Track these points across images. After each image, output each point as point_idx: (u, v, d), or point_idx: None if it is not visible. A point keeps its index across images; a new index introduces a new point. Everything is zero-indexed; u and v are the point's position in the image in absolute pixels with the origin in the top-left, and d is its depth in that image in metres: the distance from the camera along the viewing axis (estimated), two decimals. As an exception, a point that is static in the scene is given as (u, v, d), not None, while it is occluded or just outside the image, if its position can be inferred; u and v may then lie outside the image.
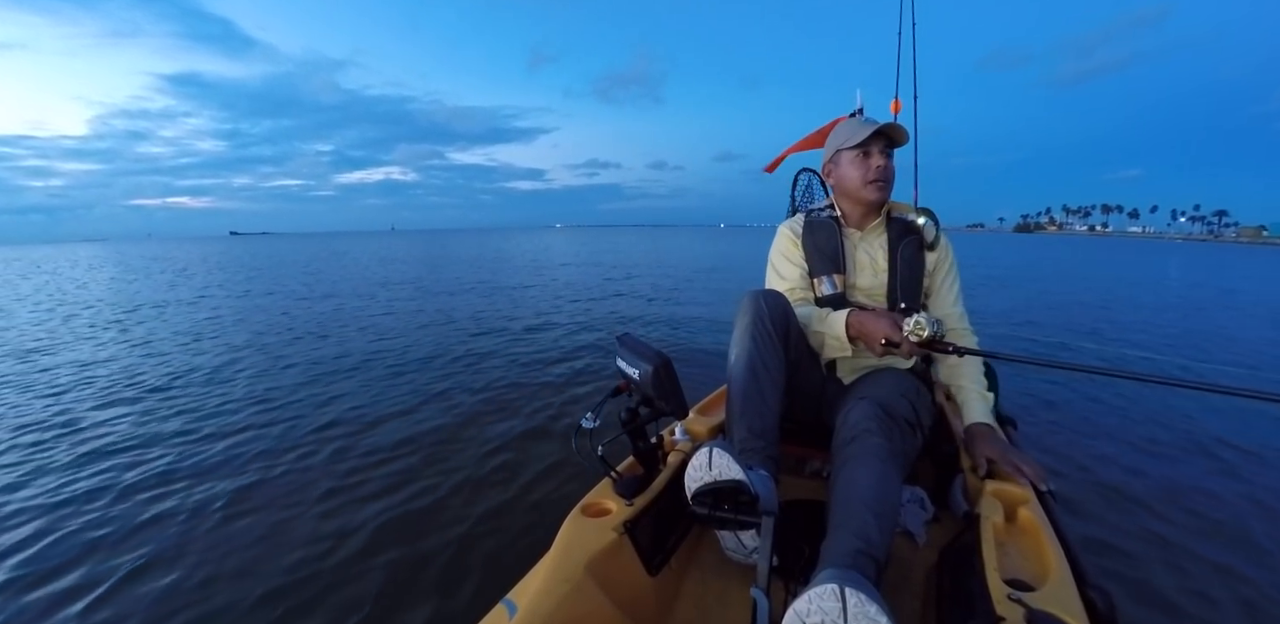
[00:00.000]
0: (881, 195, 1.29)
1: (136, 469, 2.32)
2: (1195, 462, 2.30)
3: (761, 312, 1.15)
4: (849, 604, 0.63)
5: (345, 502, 2.01)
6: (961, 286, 1.36)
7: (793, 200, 2.06)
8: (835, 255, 1.33)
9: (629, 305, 7.02)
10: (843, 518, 0.89)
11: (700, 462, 0.93)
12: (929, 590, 1.02)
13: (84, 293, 10.19)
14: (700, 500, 0.94)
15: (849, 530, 0.87)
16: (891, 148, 1.29)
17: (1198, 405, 2.98)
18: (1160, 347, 4.66)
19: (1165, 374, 0.93)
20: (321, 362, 4.19)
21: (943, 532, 1.17)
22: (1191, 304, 7.68)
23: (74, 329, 6.01)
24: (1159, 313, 6.72)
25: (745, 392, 1.12)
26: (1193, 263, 18.97)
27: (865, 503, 0.90)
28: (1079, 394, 3.17)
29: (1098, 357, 4.18)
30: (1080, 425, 2.69)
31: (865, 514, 0.88)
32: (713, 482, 0.92)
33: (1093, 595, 0.77)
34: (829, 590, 0.65)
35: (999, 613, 0.72)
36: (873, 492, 0.91)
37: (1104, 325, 5.67)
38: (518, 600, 0.83)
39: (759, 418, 1.10)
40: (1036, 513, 0.98)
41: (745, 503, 0.92)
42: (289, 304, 7.69)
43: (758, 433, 1.10)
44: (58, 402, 3.32)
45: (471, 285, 9.79)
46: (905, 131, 1.27)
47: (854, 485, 0.93)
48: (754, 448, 1.08)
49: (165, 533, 1.83)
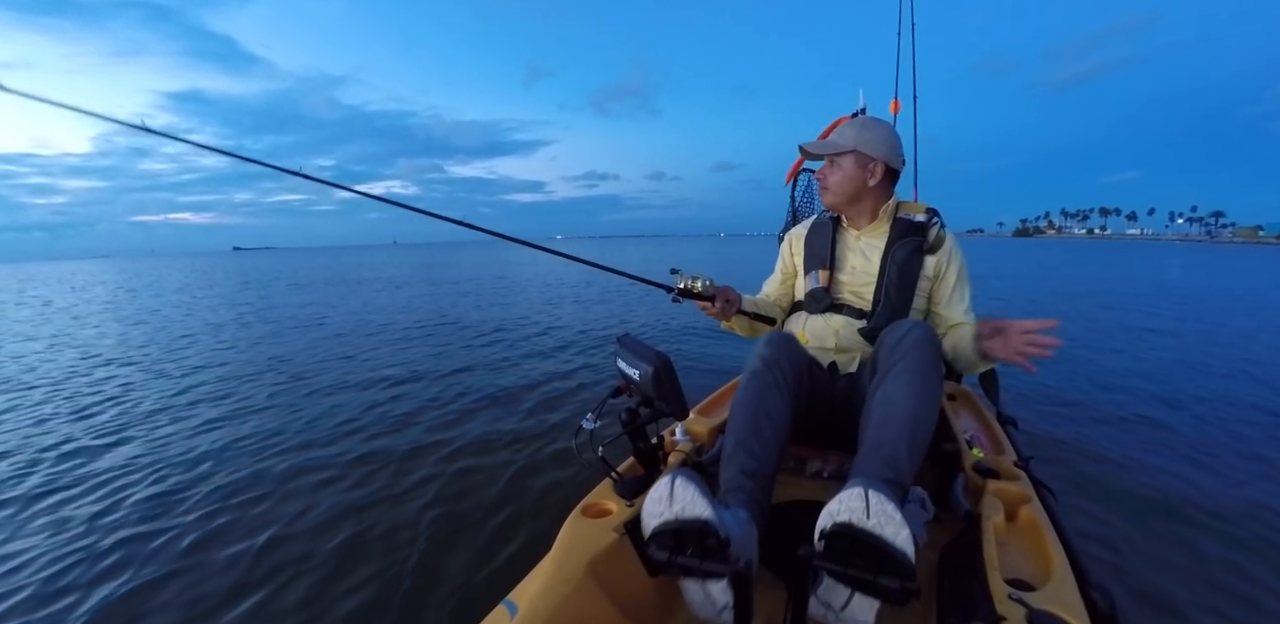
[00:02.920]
0: (828, 199, 1.38)
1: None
2: (1197, 461, 2.30)
3: (773, 358, 1.14)
4: (871, 503, 0.72)
5: (344, 501, 2.00)
6: (973, 291, 1.35)
7: (793, 201, 2.06)
8: (825, 253, 1.39)
9: (633, 306, 7.02)
10: (877, 442, 0.93)
11: (660, 493, 0.79)
12: (929, 591, 1.01)
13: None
14: (660, 541, 0.79)
15: (879, 458, 0.91)
16: (833, 159, 1.34)
17: (1198, 404, 2.98)
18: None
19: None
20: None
21: (943, 532, 1.17)
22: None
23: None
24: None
25: (741, 434, 1.05)
26: (1192, 264, 18.94)
27: (900, 428, 0.93)
28: (1079, 393, 3.17)
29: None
30: (1081, 425, 2.69)
31: (899, 441, 0.92)
32: (673, 520, 0.78)
33: (1094, 595, 0.77)
34: (856, 493, 0.73)
35: (1000, 613, 0.72)
36: (911, 412, 0.94)
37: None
38: (518, 601, 0.82)
39: (753, 459, 1.01)
40: (1037, 512, 0.98)
41: (713, 548, 0.77)
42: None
43: (749, 473, 0.99)
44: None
45: (486, 290, 9.80)
46: (821, 142, 1.35)
47: (893, 406, 0.95)
48: (741, 487, 0.97)
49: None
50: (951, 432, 1.35)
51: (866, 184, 1.32)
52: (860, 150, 1.30)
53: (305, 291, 11.10)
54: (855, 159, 1.31)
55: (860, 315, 1.33)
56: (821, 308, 1.36)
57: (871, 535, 0.72)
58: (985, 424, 1.51)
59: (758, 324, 1.48)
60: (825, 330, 1.35)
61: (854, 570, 0.72)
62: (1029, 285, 10.10)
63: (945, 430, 1.38)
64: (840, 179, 1.33)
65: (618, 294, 8.67)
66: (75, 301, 10.93)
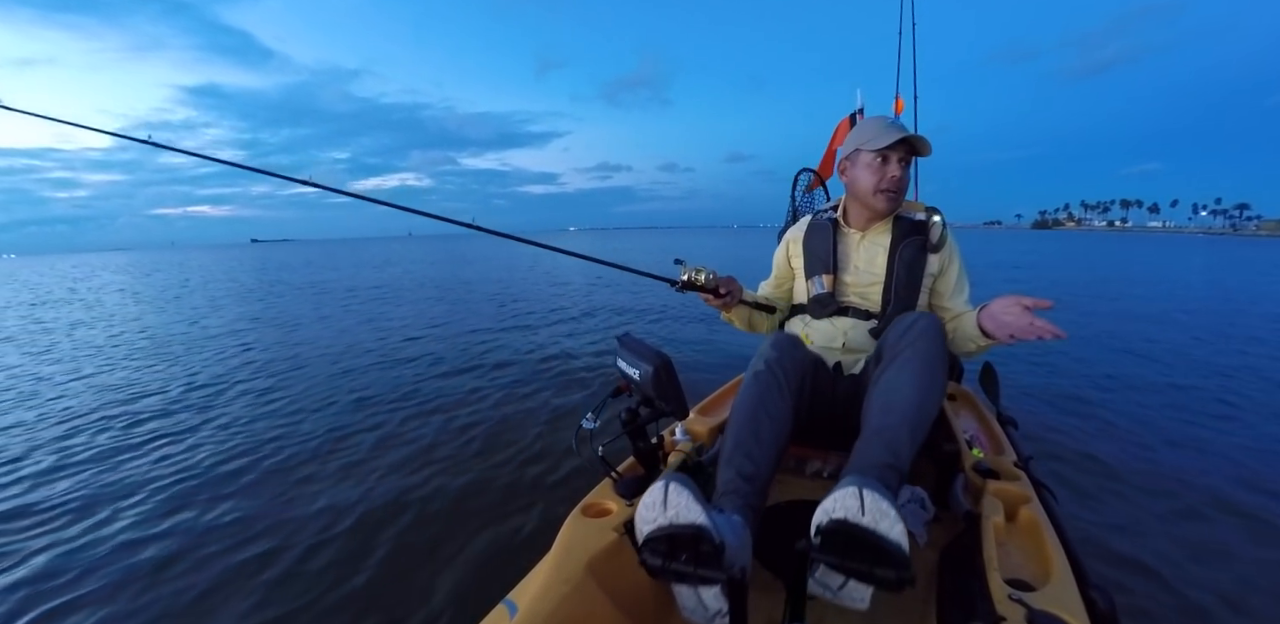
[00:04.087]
0: (890, 206, 1.29)
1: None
2: (1199, 459, 2.26)
3: (776, 360, 1.14)
4: (866, 500, 0.73)
5: (341, 501, 2.02)
6: (970, 282, 1.35)
7: (793, 200, 2.06)
8: (828, 256, 1.36)
9: (641, 301, 7.03)
10: (879, 425, 0.94)
11: (653, 499, 0.79)
12: (929, 591, 1.01)
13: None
14: (654, 547, 0.79)
15: (881, 442, 0.92)
16: (912, 157, 1.27)
17: (1200, 404, 2.93)
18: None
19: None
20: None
21: (943, 532, 1.16)
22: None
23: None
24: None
25: (740, 436, 1.04)
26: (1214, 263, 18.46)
27: (904, 414, 0.94)
28: (1081, 394, 3.13)
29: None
30: (1082, 425, 2.65)
31: (901, 427, 0.93)
32: (667, 525, 0.77)
33: (1094, 595, 0.77)
34: (850, 491, 0.75)
35: (1000, 613, 0.72)
36: (915, 399, 0.95)
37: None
38: (518, 601, 0.83)
39: (751, 462, 1.00)
40: (1037, 512, 0.98)
41: (707, 554, 0.77)
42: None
43: (747, 476, 0.98)
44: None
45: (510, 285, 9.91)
46: (929, 144, 1.23)
47: (897, 392, 0.96)
48: (736, 491, 0.96)
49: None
50: (951, 432, 1.34)
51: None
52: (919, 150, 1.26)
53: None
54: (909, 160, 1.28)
55: (867, 316, 1.32)
56: (828, 312, 1.35)
57: (867, 531, 0.73)
58: (985, 424, 1.50)
59: (755, 318, 1.49)
60: (832, 332, 1.34)
61: (851, 562, 0.74)
62: (1034, 275, 10.04)
63: (945, 430, 1.38)
64: (904, 180, 1.26)
65: (630, 284, 8.90)
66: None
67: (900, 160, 1.24)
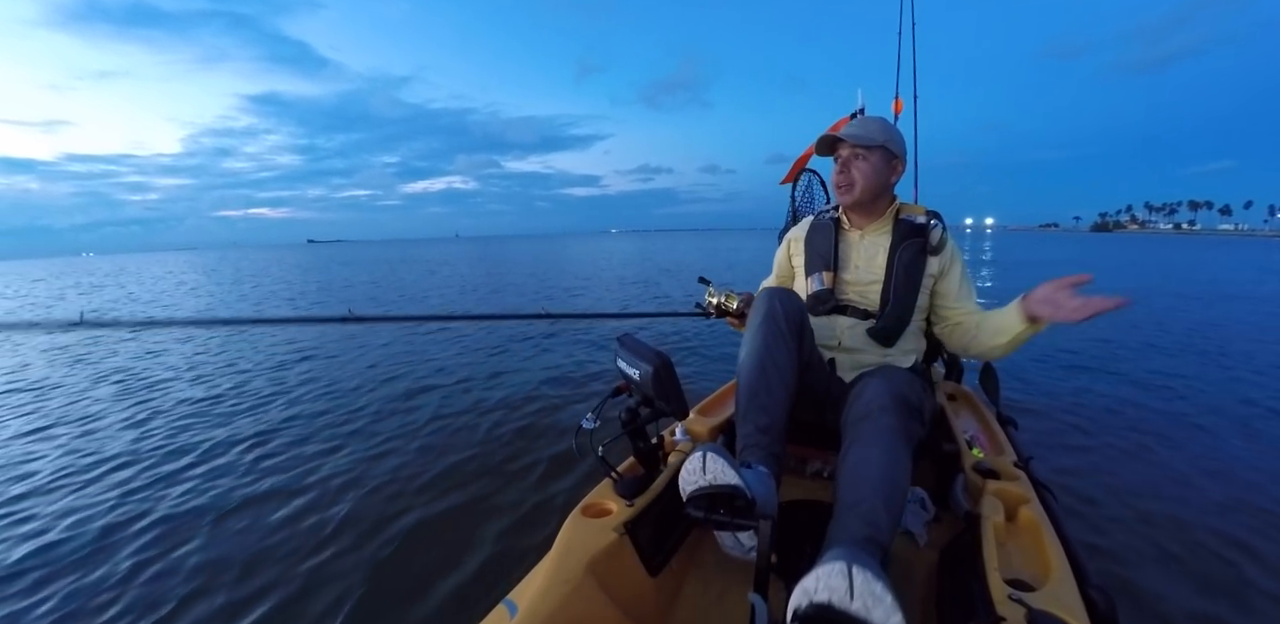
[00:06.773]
0: (844, 199, 1.33)
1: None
2: (1200, 458, 2.27)
3: (775, 310, 1.15)
4: (856, 581, 0.63)
5: (341, 501, 2.02)
6: (973, 285, 1.37)
7: (793, 201, 2.06)
8: (828, 254, 1.38)
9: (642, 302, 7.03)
10: (852, 500, 0.90)
11: (694, 466, 0.91)
12: (929, 591, 1.01)
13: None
14: (695, 504, 0.92)
15: (857, 515, 0.88)
16: (859, 151, 1.28)
17: (1201, 402, 2.94)
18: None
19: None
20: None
21: (943, 532, 1.16)
22: None
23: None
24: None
25: (753, 388, 1.11)
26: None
27: (875, 486, 0.90)
28: (1081, 393, 3.13)
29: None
30: (1082, 424, 2.65)
31: (874, 498, 0.88)
32: (707, 486, 0.89)
33: (1094, 595, 0.77)
34: (837, 568, 0.64)
35: (1000, 613, 0.72)
36: (883, 473, 0.91)
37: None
38: (518, 601, 0.83)
39: (765, 414, 1.08)
40: (1037, 513, 0.98)
41: (741, 507, 0.90)
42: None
43: (764, 429, 1.07)
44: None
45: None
46: (857, 131, 1.26)
47: (865, 465, 0.93)
48: (758, 444, 1.06)
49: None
50: (951, 432, 1.35)
51: (889, 181, 1.32)
52: (888, 147, 1.29)
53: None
54: (883, 154, 1.29)
55: (865, 315, 1.33)
56: (827, 309, 1.36)
57: (856, 621, 0.62)
58: (985, 424, 1.50)
59: None
60: (830, 330, 1.36)
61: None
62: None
63: (945, 430, 1.38)
64: (869, 172, 1.29)
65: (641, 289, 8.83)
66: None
67: (844, 158, 1.30)
